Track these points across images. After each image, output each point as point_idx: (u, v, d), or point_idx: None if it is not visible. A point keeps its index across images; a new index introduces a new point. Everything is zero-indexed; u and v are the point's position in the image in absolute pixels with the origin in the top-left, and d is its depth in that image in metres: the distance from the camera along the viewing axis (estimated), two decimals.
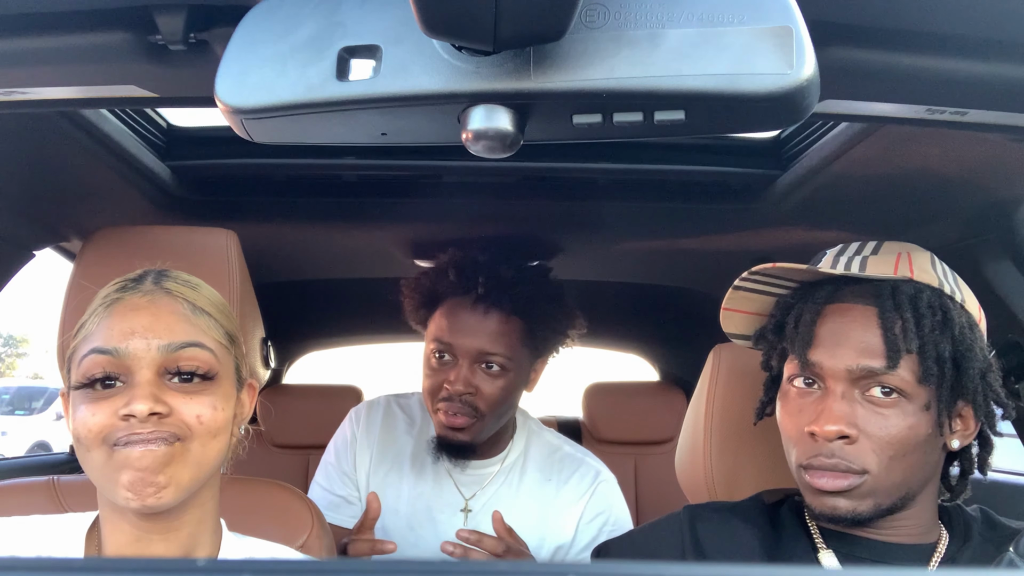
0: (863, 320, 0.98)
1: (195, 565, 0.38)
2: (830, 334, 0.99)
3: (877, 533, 1.00)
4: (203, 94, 0.87)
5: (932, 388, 0.96)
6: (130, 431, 0.89)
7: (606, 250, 2.00)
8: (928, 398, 0.96)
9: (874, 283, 1.01)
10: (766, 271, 1.05)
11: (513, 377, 1.57)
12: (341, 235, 1.90)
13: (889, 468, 0.95)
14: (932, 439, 0.97)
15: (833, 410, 0.96)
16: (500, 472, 1.66)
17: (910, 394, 0.95)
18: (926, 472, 0.99)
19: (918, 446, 0.96)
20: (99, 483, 0.93)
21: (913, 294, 0.98)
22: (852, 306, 0.99)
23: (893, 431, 0.95)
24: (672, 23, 0.58)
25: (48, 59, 0.80)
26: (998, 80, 0.80)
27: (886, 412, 0.95)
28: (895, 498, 0.97)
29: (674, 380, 2.74)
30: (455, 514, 1.65)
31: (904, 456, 0.95)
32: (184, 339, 0.94)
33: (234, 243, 1.30)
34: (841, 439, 0.95)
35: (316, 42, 0.61)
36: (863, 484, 0.95)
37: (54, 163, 1.29)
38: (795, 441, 1.00)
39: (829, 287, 1.03)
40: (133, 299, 0.95)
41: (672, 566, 0.35)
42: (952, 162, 1.18)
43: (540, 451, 1.70)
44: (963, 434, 1.00)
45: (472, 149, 0.63)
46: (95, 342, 0.93)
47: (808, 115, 0.62)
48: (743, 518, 1.08)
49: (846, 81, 0.81)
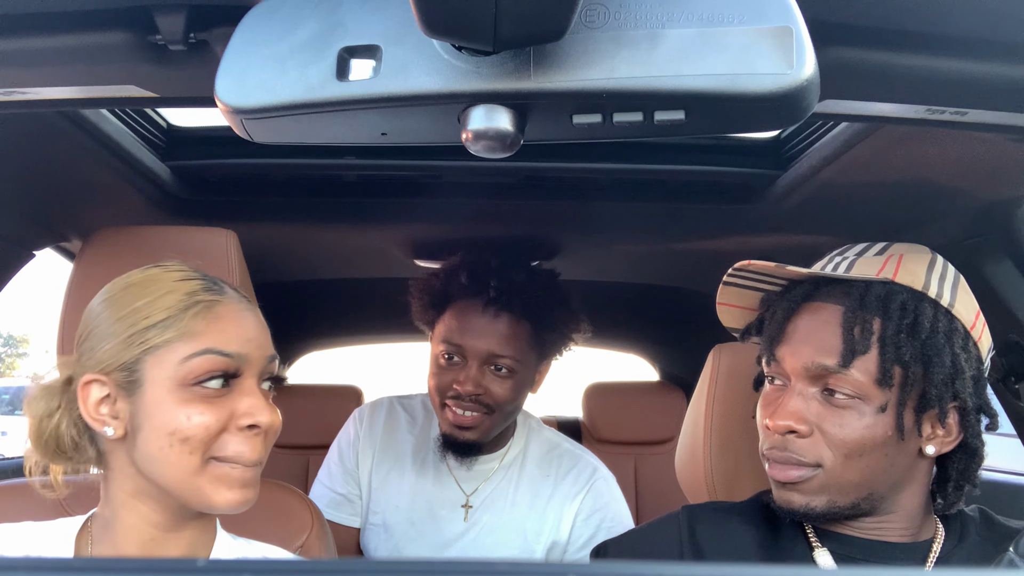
0: (829, 318, 0.98)
1: (195, 565, 0.38)
2: (797, 331, 1.00)
3: (867, 532, 1.00)
4: (203, 94, 0.87)
5: (892, 391, 0.95)
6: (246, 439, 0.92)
7: (606, 250, 2.00)
8: (886, 400, 0.95)
9: (851, 283, 1.01)
10: (748, 268, 1.06)
11: (520, 378, 1.59)
12: (341, 235, 1.90)
13: (844, 466, 0.95)
14: (894, 442, 0.96)
15: (787, 406, 0.98)
16: (500, 468, 1.67)
17: (866, 395, 0.95)
18: (893, 475, 0.98)
19: (876, 447, 0.95)
20: (183, 480, 0.91)
21: (885, 295, 0.97)
22: (824, 305, 1.00)
23: (848, 431, 0.95)
24: (672, 23, 0.58)
25: (48, 59, 0.80)
26: (998, 80, 0.80)
27: (842, 411, 0.96)
28: (854, 498, 0.97)
29: (674, 380, 2.74)
30: (456, 510, 1.66)
31: (861, 456, 0.95)
32: (273, 350, 0.99)
33: (234, 243, 1.30)
34: (791, 433, 0.97)
35: (316, 42, 0.61)
36: (815, 478, 0.96)
37: (54, 163, 1.29)
38: (761, 433, 1.03)
39: (808, 285, 1.03)
40: (232, 304, 0.97)
41: (672, 566, 0.35)
42: (952, 162, 1.18)
43: (539, 448, 1.71)
44: (942, 440, 0.98)
45: (472, 149, 0.63)
46: (207, 343, 0.92)
47: (808, 115, 0.62)
48: (741, 518, 1.08)
49: (846, 81, 0.81)
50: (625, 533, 1.20)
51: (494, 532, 1.64)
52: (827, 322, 0.98)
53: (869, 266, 1.02)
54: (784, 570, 0.56)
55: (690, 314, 2.30)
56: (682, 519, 1.10)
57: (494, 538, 1.64)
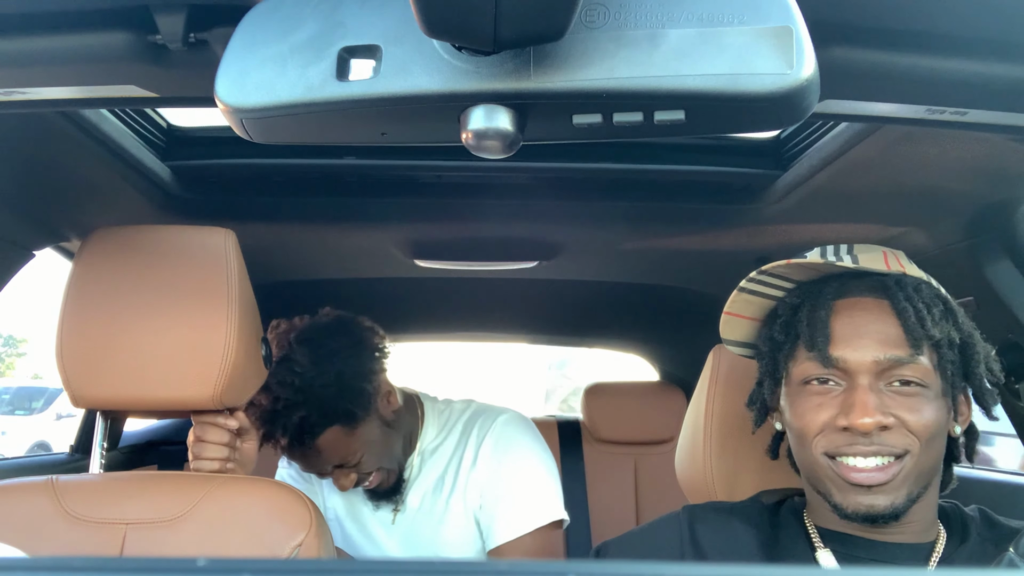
0: (878, 312, 0.99)
1: (195, 565, 0.38)
2: (847, 328, 0.99)
3: (877, 533, 1.00)
4: (203, 94, 0.87)
5: (946, 375, 0.98)
6: None
7: (606, 250, 1.99)
8: (943, 385, 0.98)
9: (877, 277, 1.02)
10: (774, 270, 1.04)
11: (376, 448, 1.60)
12: (341, 235, 1.90)
13: (925, 452, 0.96)
14: (948, 425, 1.00)
15: (867, 403, 0.95)
16: (422, 464, 1.72)
17: (930, 381, 0.97)
18: (942, 459, 1.01)
19: (941, 431, 0.98)
20: None
21: (916, 286, 1.01)
22: (863, 299, 1.00)
23: (923, 416, 0.96)
24: (672, 23, 0.58)
25: (48, 59, 0.80)
26: (998, 80, 0.80)
27: (914, 399, 0.96)
28: (922, 485, 0.98)
29: (674, 380, 2.74)
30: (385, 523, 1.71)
31: (935, 440, 0.97)
32: None
33: (233, 243, 1.30)
34: (882, 429, 0.95)
35: (316, 42, 0.61)
36: (901, 471, 0.95)
37: (54, 163, 1.29)
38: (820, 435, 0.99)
39: (835, 283, 1.03)
40: None
41: (672, 566, 0.35)
42: (952, 162, 1.18)
43: (444, 427, 1.74)
44: (965, 419, 1.04)
45: (472, 149, 0.63)
46: None
47: (808, 115, 0.62)
48: (742, 518, 1.08)
49: (846, 81, 0.81)
50: (625, 533, 1.19)
51: (423, 524, 1.68)
52: (876, 316, 0.99)
53: (874, 262, 1.04)
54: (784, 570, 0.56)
55: (690, 314, 2.30)
56: (682, 519, 1.09)
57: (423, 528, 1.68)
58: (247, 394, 1.35)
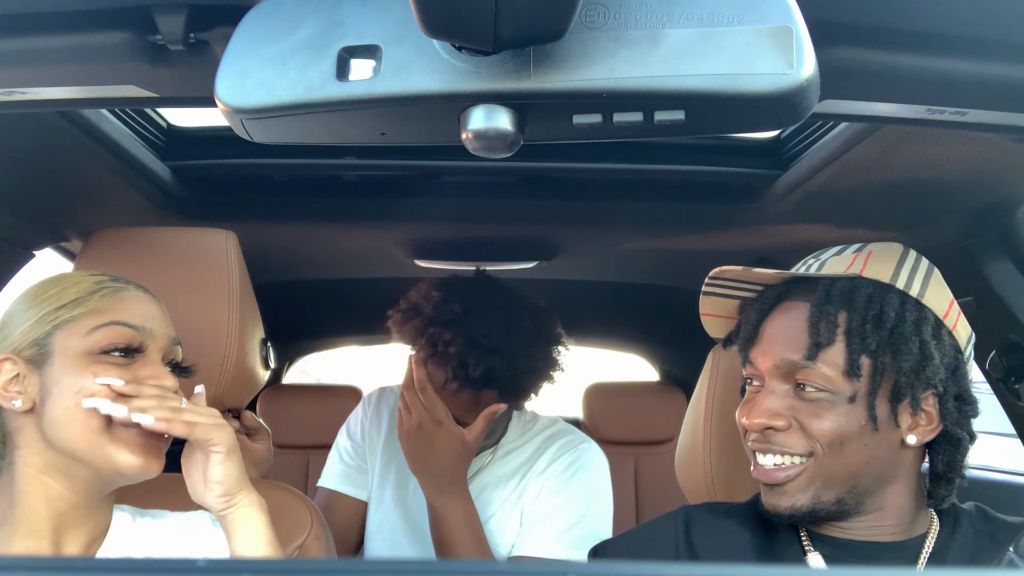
0: (797, 316, 1.00)
1: (195, 565, 0.38)
2: (768, 332, 1.02)
3: (859, 534, 1.00)
4: (203, 94, 0.87)
5: (861, 381, 0.96)
6: None
7: (606, 250, 2.00)
8: (855, 391, 0.96)
9: (818, 281, 1.02)
10: (721, 276, 1.07)
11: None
12: (341, 235, 1.90)
13: (830, 455, 0.96)
14: (871, 432, 0.96)
15: (761, 404, 0.99)
16: (494, 460, 1.70)
17: (836, 387, 0.96)
18: (876, 467, 0.98)
19: (854, 438, 0.96)
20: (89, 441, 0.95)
21: (850, 289, 0.99)
22: (793, 304, 1.02)
23: (823, 422, 0.96)
24: (672, 23, 0.58)
25: (48, 59, 0.80)
26: (998, 80, 0.80)
27: (814, 404, 0.97)
28: (838, 491, 0.97)
29: (674, 380, 2.74)
30: None
31: (843, 446, 0.96)
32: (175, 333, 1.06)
33: (234, 243, 1.30)
34: (769, 429, 0.98)
35: (316, 42, 0.61)
36: (803, 472, 0.97)
37: (54, 163, 1.29)
38: (747, 434, 1.03)
39: (781, 287, 1.05)
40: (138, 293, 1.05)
41: (670, 566, 0.35)
42: (952, 162, 1.18)
43: (528, 436, 1.74)
44: (924, 430, 0.98)
45: (472, 149, 0.63)
46: (114, 317, 0.99)
47: (808, 115, 0.62)
48: (737, 521, 1.08)
49: (846, 81, 0.81)
50: (623, 533, 1.20)
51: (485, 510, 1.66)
52: (795, 320, 1.00)
53: (839, 264, 1.04)
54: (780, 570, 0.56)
55: (690, 314, 2.29)
56: (679, 520, 1.10)
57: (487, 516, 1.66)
58: (249, 395, 1.35)
